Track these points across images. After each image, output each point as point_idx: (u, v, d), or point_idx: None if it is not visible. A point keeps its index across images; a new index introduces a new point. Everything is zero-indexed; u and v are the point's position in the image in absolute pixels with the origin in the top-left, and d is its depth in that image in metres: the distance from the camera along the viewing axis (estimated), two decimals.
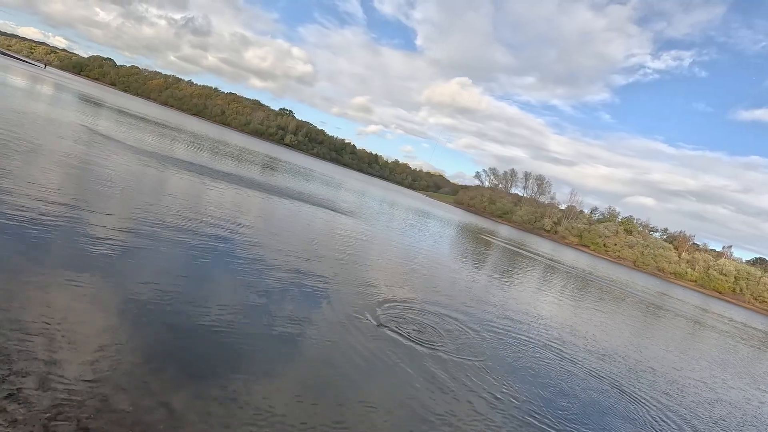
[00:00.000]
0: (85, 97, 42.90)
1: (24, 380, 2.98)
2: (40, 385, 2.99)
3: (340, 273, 8.72)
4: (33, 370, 3.10)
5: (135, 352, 3.75)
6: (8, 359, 3.12)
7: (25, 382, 2.97)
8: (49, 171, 8.82)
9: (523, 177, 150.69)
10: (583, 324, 12.22)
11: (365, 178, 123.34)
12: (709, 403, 8.48)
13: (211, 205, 10.92)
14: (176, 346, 4.11)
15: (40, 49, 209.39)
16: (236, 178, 18.45)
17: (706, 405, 8.20)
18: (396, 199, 53.64)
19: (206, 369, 3.90)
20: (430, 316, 7.68)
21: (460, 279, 13.02)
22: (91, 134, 16.35)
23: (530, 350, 7.84)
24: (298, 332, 5.28)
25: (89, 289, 4.56)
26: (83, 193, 8.14)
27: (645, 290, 37.66)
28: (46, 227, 5.80)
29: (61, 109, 23.54)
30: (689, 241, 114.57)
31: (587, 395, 6.51)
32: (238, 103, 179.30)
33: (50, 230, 5.75)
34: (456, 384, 5.25)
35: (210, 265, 6.61)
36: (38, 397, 2.89)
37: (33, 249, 5.04)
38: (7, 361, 3.10)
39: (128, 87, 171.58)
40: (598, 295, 21.32)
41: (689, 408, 7.59)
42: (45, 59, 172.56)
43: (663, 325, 18.69)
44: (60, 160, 10.07)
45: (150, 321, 4.37)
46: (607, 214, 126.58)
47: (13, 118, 13.80)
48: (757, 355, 18.94)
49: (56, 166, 9.46)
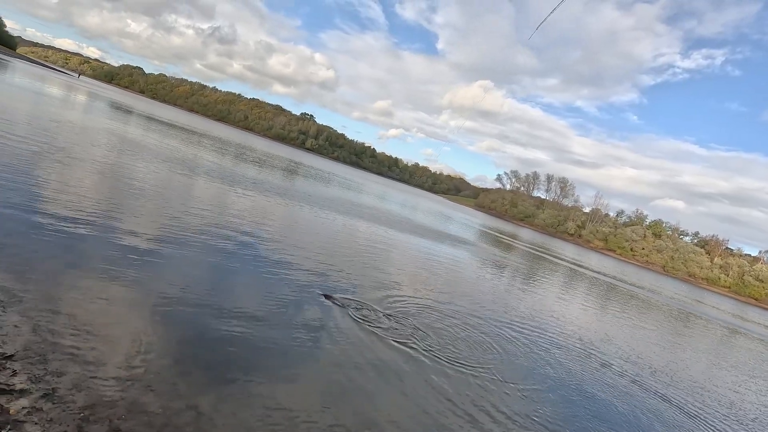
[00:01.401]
0: (116, 104, 44.52)
1: (59, 380, 3.06)
2: (74, 386, 3.06)
3: (360, 275, 8.70)
4: (68, 371, 3.18)
5: (164, 355, 3.81)
6: (44, 359, 3.21)
7: (60, 382, 3.05)
8: (83, 178, 9.14)
9: (546, 179, 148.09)
10: (628, 337, 11.83)
11: (385, 181, 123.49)
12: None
13: (236, 211, 11.10)
14: (203, 349, 4.16)
15: (75, 60, 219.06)
16: (260, 183, 18.74)
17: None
18: (417, 203, 53.48)
19: (231, 372, 3.92)
20: (454, 324, 7.56)
21: (485, 285, 12.81)
22: (121, 141, 16.91)
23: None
24: (321, 337, 5.27)
25: (121, 293, 4.67)
26: (115, 199, 8.39)
27: (679, 297, 36.30)
28: (81, 232, 5.99)
29: (94, 117, 24.47)
30: (722, 246, 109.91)
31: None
32: (260, 108, 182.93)
33: (84, 235, 5.93)
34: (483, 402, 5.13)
35: (235, 271, 6.69)
36: (72, 397, 2.96)
37: (68, 253, 5.21)
38: (43, 362, 3.18)
39: (156, 94, 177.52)
40: (637, 305, 20.64)
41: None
42: (79, 69, 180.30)
43: (715, 340, 17.93)
44: (93, 167, 10.43)
45: (178, 324, 4.44)
46: (634, 217, 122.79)
47: (50, 126, 14.40)
48: None
49: (89, 173, 9.80)
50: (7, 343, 3.25)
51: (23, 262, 4.56)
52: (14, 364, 3.07)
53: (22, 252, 4.79)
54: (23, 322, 3.57)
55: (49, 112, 18.56)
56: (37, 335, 3.45)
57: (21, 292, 3.97)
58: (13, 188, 6.78)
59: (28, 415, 2.69)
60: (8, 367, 3.02)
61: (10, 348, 3.21)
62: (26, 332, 3.45)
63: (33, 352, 3.25)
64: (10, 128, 11.29)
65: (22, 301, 3.84)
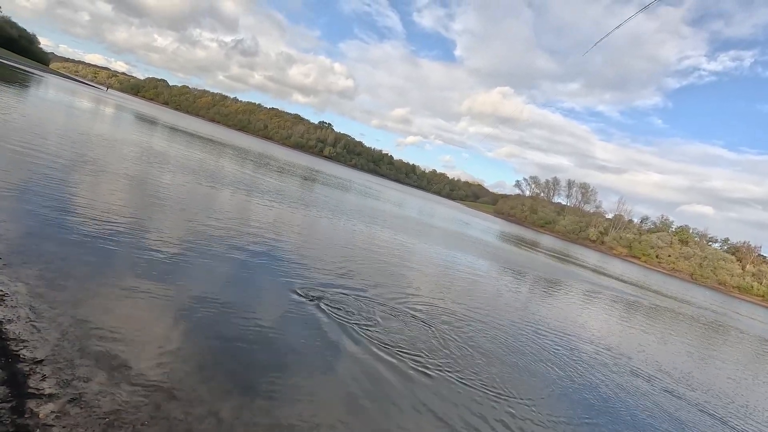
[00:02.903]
0: (141, 116, 46.02)
1: (86, 385, 3.12)
2: (100, 391, 3.12)
3: (380, 283, 8.66)
4: (94, 376, 3.25)
5: (187, 361, 3.85)
6: (72, 365, 3.29)
7: (87, 387, 3.11)
8: (111, 188, 9.43)
9: (567, 185, 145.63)
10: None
11: (402, 188, 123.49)
12: None
13: (259, 219, 11.25)
14: (225, 355, 4.19)
15: (103, 74, 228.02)
16: (281, 191, 18.99)
17: None
18: (434, 209, 53.24)
19: (253, 379, 3.93)
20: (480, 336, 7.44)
21: (507, 295, 12.60)
22: (146, 152, 17.43)
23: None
24: (345, 345, 5.25)
25: (146, 300, 4.76)
26: (141, 209, 8.62)
27: (716, 308, 34.94)
28: (109, 241, 6.16)
29: (121, 128, 25.34)
30: (755, 253, 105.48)
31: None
32: (279, 117, 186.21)
33: (111, 244, 6.10)
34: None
35: (258, 278, 6.75)
36: (98, 402, 3.01)
37: (96, 261, 5.36)
38: (71, 366, 3.26)
39: (179, 105, 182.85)
40: (687, 320, 19.97)
41: None
42: (107, 82, 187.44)
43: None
44: (120, 178, 10.75)
45: (201, 331, 4.49)
46: (659, 223, 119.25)
47: (80, 138, 14.95)
48: None
49: (117, 183, 10.10)
50: (38, 348, 3.34)
51: (55, 269, 4.70)
52: (44, 368, 3.15)
53: (54, 259, 4.95)
54: (53, 327, 3.67)
55: (78, 124, 19.31)
56: (66, 341, 3.54)
57: (52, 299, 4.10)
58: (45, 198, 7.04)
59: (56, 419, 2.75)
60: (38, 372, 3.10)
61: (41, 353, 3.30)
62: (56, 338, 3.54)
63: (61, 357, 3.33)
64: (42, 141, 11.77)
65: (53, 307, 3.95)
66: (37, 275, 4.44)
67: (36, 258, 4.83)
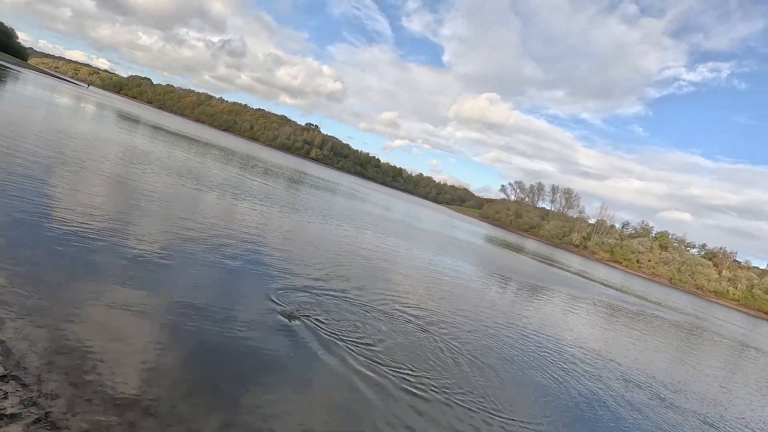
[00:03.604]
0: (124, 114, 44.95)
1: (53, 403, 2.88)
2: (69, 409, 2.88)
3: (365, 288, 8.50)
4: (63, 393, 3.01)
5: (165, 375, 3.62)
6: (38, 380, 3.04)
7: (54, 405, 2.87)
8: (90, 189, 9.07)
9: (551, 191, 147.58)
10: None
11: (389, 191, 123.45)
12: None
13: (242, 222, 10.98)
14: (206, 369, 3.97)
15: (84, 71, 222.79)
16: (265, 193, 18.66)
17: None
18: (421, 213, 53.24)
19: (235, 393, 3.72)
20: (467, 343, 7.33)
21: (493, 298, 12.56)
22: (128, 151, 16.93)
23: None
24: (327, 356, 5.06)
25: (121, 309, 4.51)
26: (120, 210, 8.29)
27: (699, 313, 35.67)
28: (84, 244, 5.86)
29: (102, 127, 24.63)
30: (730, 258, 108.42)
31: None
32: (265, 118, 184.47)
33: (87, 247, 5.80)
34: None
35: (239, 285, 6.52)
36: (66, 422, 2.78)
37: (70, 265, 5.07)
38: (37, 382, 3.02)
39: (164, 104, 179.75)
40: (671, 327, 20.23)
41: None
42: (88, 79, 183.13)
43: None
44: (100, 178, 10.36)
45: (180, 342, 4.26)
46: (640, 229, 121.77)
47: (58, 137, 14.43)
48: None
49: (97, 184, 9.73)
50: (0, 363, 3.08)
51: (25, 275, 4.42)
52: (6, 385, 2.90)
53: (25, 264, 4.65)
54: (19, 339, 3.40)
55: (57, 122, 18.67)
56: (32, 353, 3.29)
57: (19, 307, 3.82)
58: (18, 200, 6.69)
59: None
60: (0, 389, 2.85)
61: (3, 368, 3.04)
62: (21, 350, 3.28)
63: (27, 372, 3.08)
64: (19, 139, 11.29)
65: (19, 317, 3.68)
66: (3, 281, 4.16)
67: (3, 262, 4.53)
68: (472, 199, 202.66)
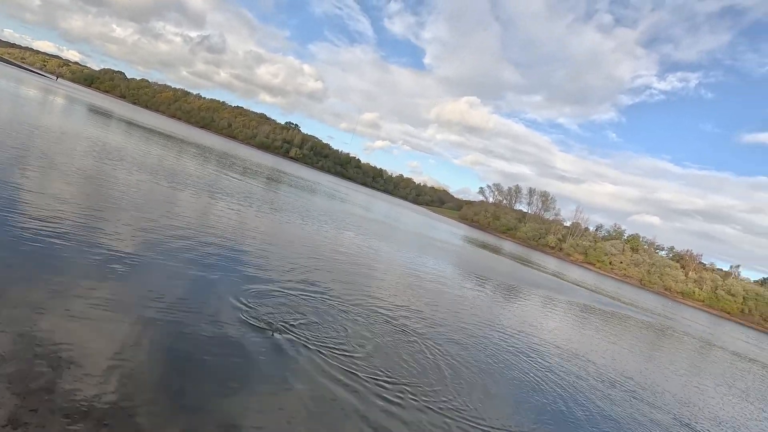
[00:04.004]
0: (95, 108, 43.32)
1: None
2: (9, 422, 2.64)
3: (343, 290, 8.36)
4: (4, 403, 2.76)
5: (125, 382, 3.39)
6: None
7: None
8: (56, 186, 8.61)
9: (528, 193, 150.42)
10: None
11: (369, 191, 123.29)
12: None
13: (219, 224, 10.65)
14: (170, 375, 3.75)
15: (53, 62, 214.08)
16: (244, 192, 18.25)
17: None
18: (401, 214, 53.30)
19: (200, 400, 3.53)
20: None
21: (470, 301, 12.59)
22: (98, 147, 16.26)
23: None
24: (298, 360, 4.90)
25: (80, 312, 4.23)
26: (89, 210, 7.89)
27: (669, 314, 36.83)
28: (45, 245, 5.52)
29: (71, 120, 23.62)
30: (696, 260, 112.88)
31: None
32: (244, 116, 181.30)
33: (48, 248, 5.46)
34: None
35: (211, 287, 6.28)
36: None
37: (27, 264, 4.75)
38: None
39: (138, 99, 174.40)
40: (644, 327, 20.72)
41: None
42: (57, 72, 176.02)
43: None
44: (66, 175, 9.87)
45: (142, 346, 4.01)
46: (613, 231, 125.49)
47: (24, 130, 13.72)
48: None
49: (63, 181, 9.25)
50: None
51: None
52: None
53: None
54: None
55: (23, 114, 17.76)
56: None
57: None
58: None
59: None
60: None
61: None
62: None
63: None
64: None
65: None
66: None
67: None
68: (451, 200, 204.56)
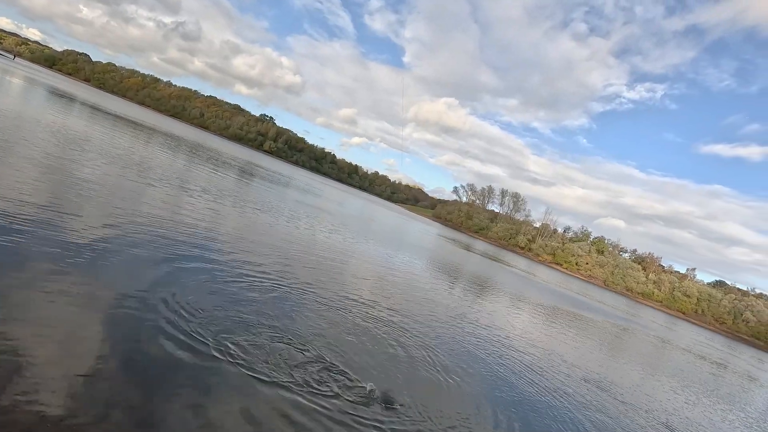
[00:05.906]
0: (57, 91, 41.04)
1: None
2: None
3: (314, 287, 8.23)
4: None
5: (73, 394, 3.18)
6: None
7: None
8: (11, 178, 8.06)
9: (500, 194, 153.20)
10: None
11: (344, 188, 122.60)
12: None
13: (187, 216, 10.28)
14: (123, 386, 3.56)
15: (11, 40, 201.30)
16: (215, 186, 17.72)
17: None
18: (376, 211, 53.26)
19: (156, 415, 3.36)
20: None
21: (436, 293, 12.69)
22: (60, 133, 15.38)
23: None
24: (261, 369, 4.78)
25: (31, 314, 3.96)
26: (49, 198, 7.42)
27: (631, 315, 38.38)
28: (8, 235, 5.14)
29: (30, 104, 22.27)
30: (656, 263, 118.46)
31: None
32: (217, 106, 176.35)
33: (10, 239, 5.09)
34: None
35: (172, 289, 6.03)
36: None
37: None
38: None
39: (103, 84, 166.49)
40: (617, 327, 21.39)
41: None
42: (15, 50, 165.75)
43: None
44: (24, 165, 9.27)
45: (94, 358, 3.80)
46: (580, 234, 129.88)
47: None
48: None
49: (19, 171, 8.68)
50: None
51: None
52: None
53: None
54: None
55: None
56: None
57: None
58: None
59: None
60: None
61: None
62: None
63: None
64: None
65: None
66: None
67: None
68: (425, 199, 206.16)
